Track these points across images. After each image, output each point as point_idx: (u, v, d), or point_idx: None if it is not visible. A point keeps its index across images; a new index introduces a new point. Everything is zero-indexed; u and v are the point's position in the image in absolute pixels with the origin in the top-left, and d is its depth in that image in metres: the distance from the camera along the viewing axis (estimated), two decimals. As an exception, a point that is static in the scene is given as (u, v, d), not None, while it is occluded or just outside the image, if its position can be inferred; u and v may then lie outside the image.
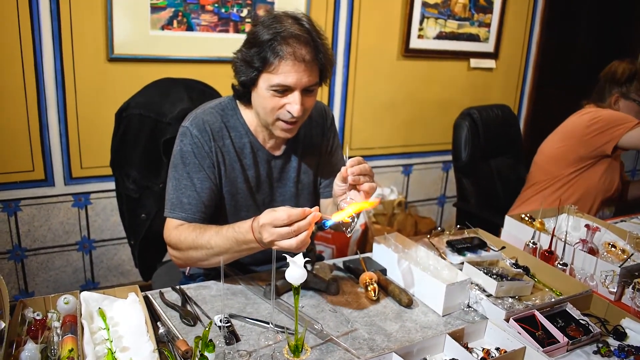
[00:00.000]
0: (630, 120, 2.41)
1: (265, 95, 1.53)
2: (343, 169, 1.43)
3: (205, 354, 1.07)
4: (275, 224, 1.30)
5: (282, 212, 1.29)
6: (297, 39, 1.46)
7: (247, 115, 1.67)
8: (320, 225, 1.47)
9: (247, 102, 1.64)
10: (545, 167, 2.66)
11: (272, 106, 1.53)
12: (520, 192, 2.79)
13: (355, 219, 1.41)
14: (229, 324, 1.35)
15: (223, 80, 1.67)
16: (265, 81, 1.51)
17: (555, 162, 2.62)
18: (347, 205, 1.40)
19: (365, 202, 1.41)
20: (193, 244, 1.53)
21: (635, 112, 2.49)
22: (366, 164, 1.45)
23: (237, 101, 1.68)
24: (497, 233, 2.06)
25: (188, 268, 1.88)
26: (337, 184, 1.50)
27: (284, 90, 1.51)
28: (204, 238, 1.51)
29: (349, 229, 1.41)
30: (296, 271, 1.12)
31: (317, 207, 1.33)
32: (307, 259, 1.18)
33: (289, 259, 1.12)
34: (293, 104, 1.51)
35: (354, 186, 1.45)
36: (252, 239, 1.40)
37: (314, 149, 1.79)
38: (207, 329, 1.08)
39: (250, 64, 1.52)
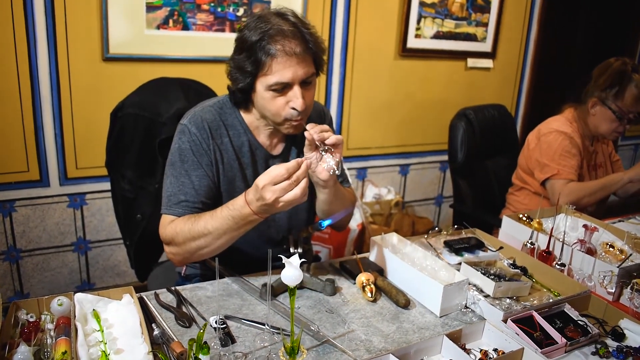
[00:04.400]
0: (564, 165, 2.40)
1: (266, 97, 1.53)
2: (306, 134, 1.49)
3: (200, 356, 1.06)
4: (275, 181, 1.34)
5: (279, 168, 1.35)
6: (284, 34, 1.46)
7: (246, 114, 1.66)
8: (316, 226, 1.47)
9: (246, 108, 1.64)
10: (518, 170, 2.71)
11: (276, 108, 1.53)
12: (508, 193, 2.80)
13: (337, 161, 1.50)
14: (224, 326, 1.34)
15: (219, 80, 1.67)
16: (263, 83, 1.51)
17: (520, 166, 2.69)
18: (328, 158, 1.50)
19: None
20: (189, 234, 1.52)
21: (609, 120, 2.44)
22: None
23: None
24: (491, 234, 2.05)
25: (184, 268, 1.87)
26: (308, 157, 1.54)
27: (283, 88, 1.50)
28: (200, 225, 1.50)
29: (337, 170, 1.51)
30: (292, 272, 1.11)
31: (304, 157, 1.39)
32: (303, 259, 1.17)
33: (284, 259, 1.11)
34: (295, 100, 1.51)
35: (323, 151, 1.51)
36: (249, 212, 1.42)
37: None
38: (201, 330, 1.06)
39: (244, 70, 1.52)
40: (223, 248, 1.53)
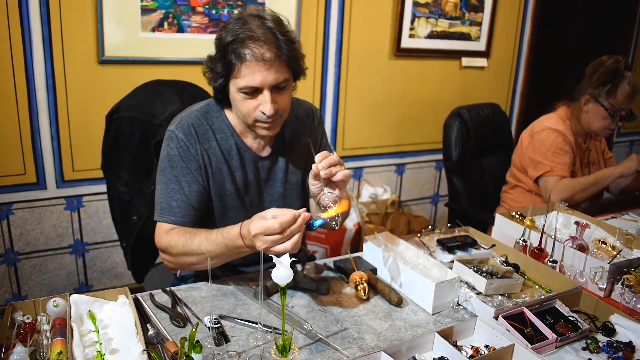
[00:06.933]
0: (557, 163, 2.42)
1: (237, 98, 1.54)
2: (313, 166, 1.43)
3: (192, 355, 1.07)
4: (268, 232, 1.30)
5: (273, 222, 1.29)
6: (255, 39, 1.46)
7: (233, 117, 1.67)
8: (308, 226, 1.48)
9: (228, 106, 1.65)
10: (512, 168, 2.73)
11: (247, 109, 1.54)
12: (502, 191, 2.82)
13: (340, 212, 1.43)
14: (218, 325, 1.35)
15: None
16: (234, 85, 1.52)
17: (514, 164, 2.71)
18: (327, 198, 1.43)
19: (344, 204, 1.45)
20: (184, 250, 1.53)
21: (601, 117, 2.46)
22: (333, 155, 1.46)
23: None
24: (486, 232, 2.06)
25: (179, 270, 1.88)
26: (312, 183, 1.51)
27: (253, 92, 1.51)
28: (194, 243, 1.51)
29: (334, 222, 1.44)
30: (282, 271, 1.12)
31: (304, 209, 1.33)
32: (294, 259, 1.18)
33: (275, 259, 1.13)
34: (264, 104, 1.51)
35: (328, 180, 1.45)
36: (242, 244, 1.41)
37: (302, 149, 1.79)
38: (194, 329, 1.08)
39: (215, 70, 1.54)
40: (215, 266, 1.56)
